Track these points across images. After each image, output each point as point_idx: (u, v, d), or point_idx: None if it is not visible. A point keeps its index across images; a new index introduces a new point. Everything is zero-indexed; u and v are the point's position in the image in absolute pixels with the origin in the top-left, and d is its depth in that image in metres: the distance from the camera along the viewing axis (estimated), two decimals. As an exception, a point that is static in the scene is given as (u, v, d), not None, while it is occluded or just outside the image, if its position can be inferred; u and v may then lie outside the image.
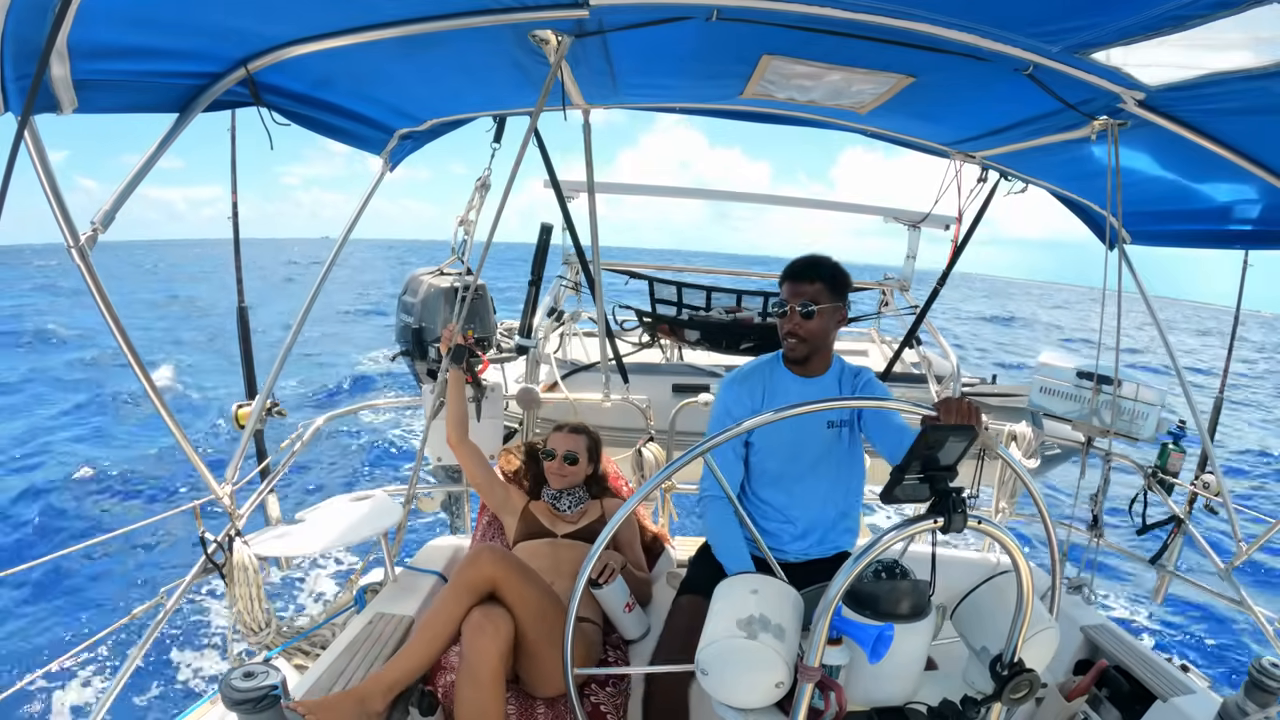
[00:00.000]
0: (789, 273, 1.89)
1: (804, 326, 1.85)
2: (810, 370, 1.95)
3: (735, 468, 1.90)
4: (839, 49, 1.67)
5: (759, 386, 1.95)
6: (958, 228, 3.30)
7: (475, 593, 1.71)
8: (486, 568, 1.72)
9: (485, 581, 1.72)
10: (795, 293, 1.86)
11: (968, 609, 1.32)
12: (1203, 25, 1.21)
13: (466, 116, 2.49)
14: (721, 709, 1.18)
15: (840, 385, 1.96)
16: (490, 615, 1.67)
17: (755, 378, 1.96)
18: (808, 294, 1.84)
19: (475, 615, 1.67)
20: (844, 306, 1.91)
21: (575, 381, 3.64)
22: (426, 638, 1.68)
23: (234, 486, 2.04)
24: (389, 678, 1.62)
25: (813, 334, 1.86)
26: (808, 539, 1.92)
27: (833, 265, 1.89)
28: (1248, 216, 2.23)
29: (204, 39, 1.52)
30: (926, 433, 1.02)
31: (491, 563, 1.73)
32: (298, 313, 2.29)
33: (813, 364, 1.94)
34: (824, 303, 1.84)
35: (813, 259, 1.90)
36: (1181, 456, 2.62)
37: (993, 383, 4.60)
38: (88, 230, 1.44)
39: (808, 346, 1.88)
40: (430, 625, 1.69)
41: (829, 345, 1.93)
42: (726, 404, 1.95)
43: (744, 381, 1.96)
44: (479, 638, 1.64)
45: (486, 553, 1.75)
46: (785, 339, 1.89)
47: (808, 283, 1.85)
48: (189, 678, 4.92)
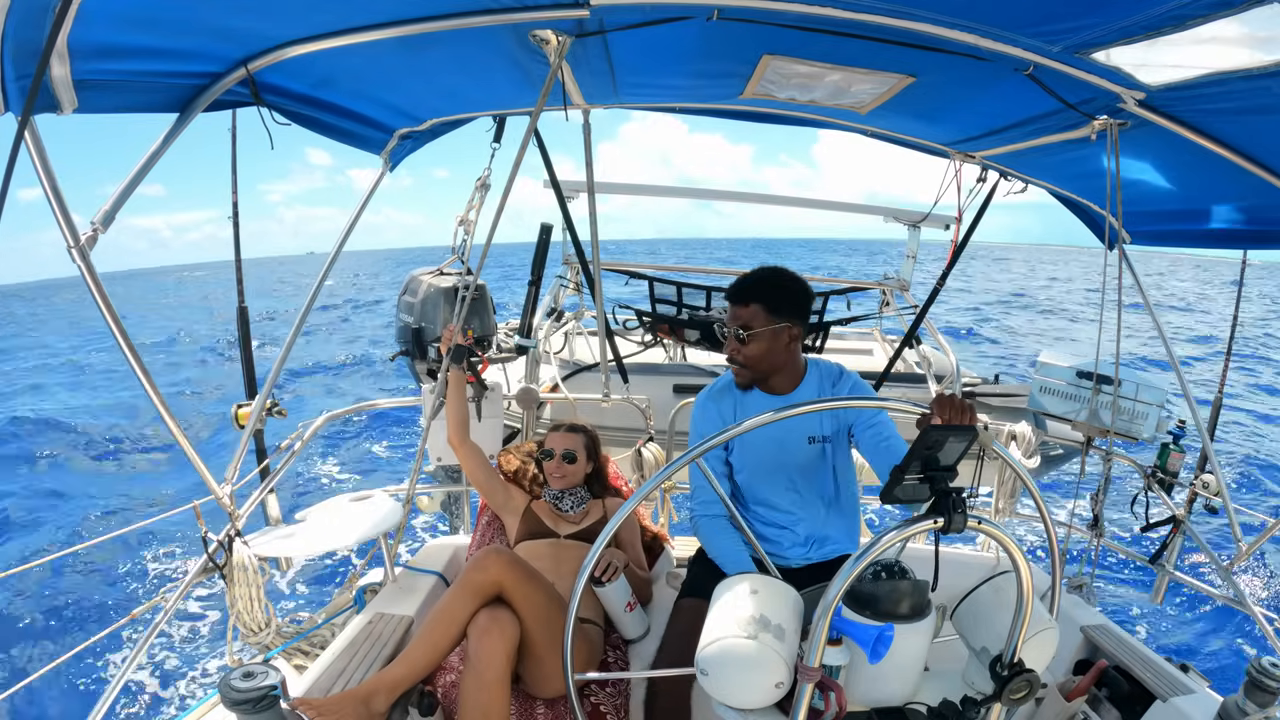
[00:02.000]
0: (727, 294, 1.82)
1: (741, 351, 1.78)
2: (777, 389, 1.87)
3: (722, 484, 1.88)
4: (839, 49, 1.67)
5: (730, 405, 1.91)
6: (957, 227, 3.30)
7: (481, 595, 1.70)
8: (493, 571, 1.71)
9: (492, 584, 1.71)
10: (732, 316, 1.79)
11: (968, 609, 1.32)
12: (1203, 25, 1.21)
13: (466, 116, 2.49)
14: (721, 709, 1.18)
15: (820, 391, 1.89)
16: (497, 618, 1.67)
17: (726, 396, 1.92)
18: (743, 318, 1.77)
19: (482, 618, 1.67)
20: (793, 325, 1.79)
21: (575, 381, 3.64)
22: (431, 639, 1.67)
23: (234, 486, 2.04)
24: (392, 677, 1.62)
25: (752, 359, 1.78)
26: (808, 545, 1.91)
27: (775, 284, 1.78)
28: (1248, 216, 2.23)
29: (204, 39, 1.52)
30: (926, 433, 1.02)
31: (498, 566, 1.72)
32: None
33: (776, 383, 1.87)
34: (759, 326, 1.75)
35: (751, 278, 1.80)
36: (1181, 456, 2.62)
37: (995, 382, 4.60)
38: (88, 230, 1.44)
39: (749, 373, 1.82)
40: (435, 626, 1.69)
41: (785, 364, 1.83)
42: (699, 424, 1.92)
43: (716, 399, 1.93)
44: (485, 640, 1.63)
45: (493, 555, 1.74)
46: (730, 364, 1.83)
47: (742, 306, 1.77)
48: (189, 678, 4.92)
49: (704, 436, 1.87)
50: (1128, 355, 2.44)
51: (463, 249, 2.80)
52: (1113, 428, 2.65)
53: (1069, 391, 2.84)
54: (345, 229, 2.45)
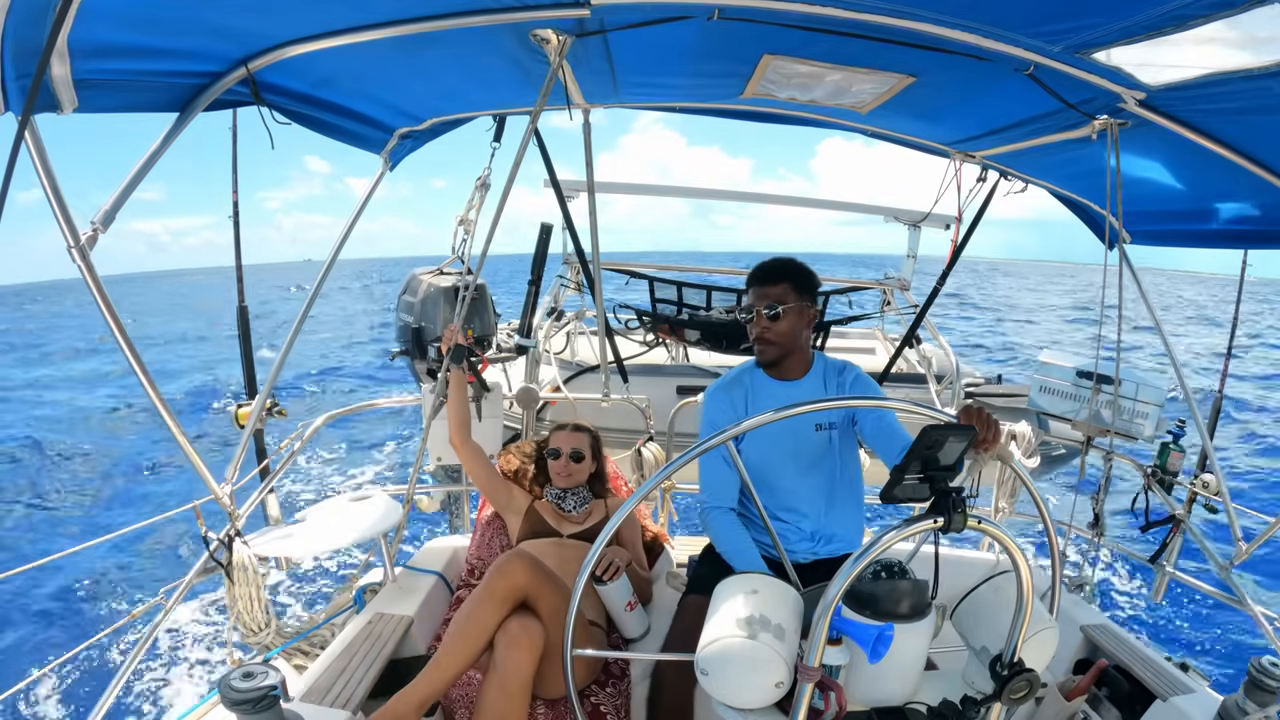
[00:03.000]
0: (754, 277, 1.91)
1: (772, 329, 1.85)
2: (788, 374, 1.94)
3: (730, 476, 1.89)
4: (840, 49, 1.67)
5: (740, 395, 1.95)
6: (957, 227, 3.30)
7: (508, 603, 1.68)
8: (519, 576, 1.69)
9: (518, 591, 1.69)
10: (761, 295, 1.86)
11: (968, 609, 1.32)
12: (1203, 25, 1.21)
13: (466, 116, 2.49)
14: (722, 709, 1.18)
15: (825, 385, 1.94)
16: (527, 628, 1.64)
17: (737, 386, 1.96)
18: (773, 295, 1.85)
19: (512, 627, 1.64)
20: (812, 307, 1.91)
21: (576, 381, 3.64)
22: (459, 649, 1.64)
23: (234, 486, 2.04)
24: (420, 694, 1.59)
25: (781, 336, 1.86)
26: (815, 540, 1.91)
27: (798, 266, 1.90)
28: (1248, 216, 2.23)
29: (204, 38, 1.52)
30: (926, 432, 1.02)
31: (523, 571, 1.70)
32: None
33: (789, 367, 1.93)
34: (790, 303, 1.85)
35: (777, 261, 1.91)
36: (1181, 456, 2.62)
37: (997, 382, 4.61)
38: (87, 230, 1.44)
39: (777, 349, 1.88)
40: (462, 636, 1.65)
41: (801, 346, 1.93)
42: (710, 415, 1.95)
43: (726, 390, 1.96)
44: (514, 650, 1.61)
45: (517, 560, 1.72)
46: (755, 344, 1.90)
47: (773, 284, 1.87)
48: (189, 678, 4.92)
49: (715, 427, 1.87)
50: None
51: (463, 248, 2.80)
52: (1113, 427, 2.65)
53: (1069, 391, 2.85)
54: (345, 229, 2.45)
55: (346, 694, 1.64)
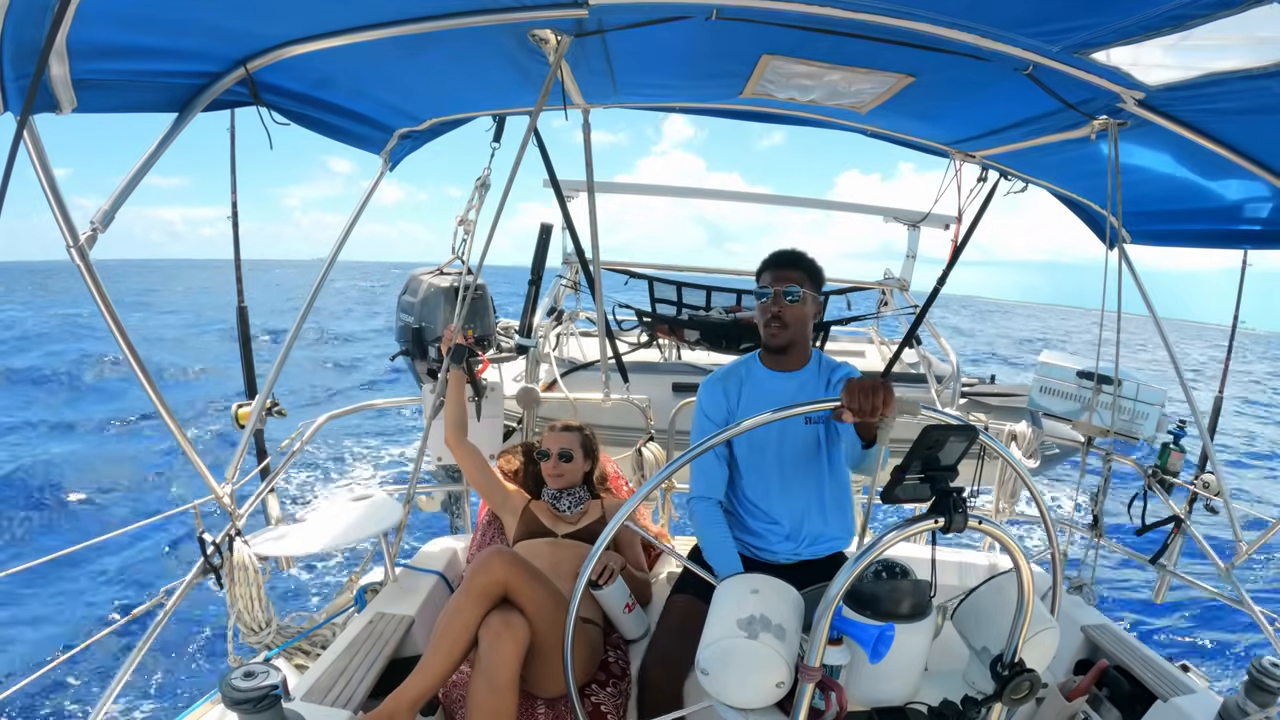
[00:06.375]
0: (772, 261, 1.93)
1: (789, 311, 1.87)
2: (788, 364, 1.96)
3: (719, 470, 1.90)
4: (839, 49, 1.67)
5: (735, 384, 1.96)
6: (957, 227, 3.30)
7: (489, 598, 1.69)
8: (498, 571, 1.70)
9: (498, 586, 1.70)
10: (780, 278, 1.88)
11: (968, 609, 1.32)
12: (1203, 25, 1.21)
13: (466, 116, 2.49)
14: (722, 709, 1.18)
15: (819, 379, 1.96)
16: (509, 622, 1.65)
17: (732, 377, 1.98)
18: (793, 279, 1.87)
19: (494, 622, 1.65)
20: (819, 300, 1.97)
21: (575, 381, 3.64)
22: (444, 647, 1.65)
23: (234, 486, 2.04)
24: (412, 694, 1.60)
25: (796, 319, 1.89)
26: (797, 540, 1.92)
27: (811, 259, 1.95)
28: (1248, 216, 2.23)
29: (203, 38, 1.52)
30: (927, 432, 1.02)
31: (502, 566, 1.71)
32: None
33: (790, 357, 1.95)
34: (806, 289, 1.88)
35: (794, 250, 1.95)
36: (1181, 456, 2.62)
37: (991, 383, 4.61)
38: (87, 230, 1.44)
39: (790, 333, 1.89)
40: (447, 635, 1.66)
41: (807, 337, 1.96)
42: (703, 406, 1.97)
43: (721, 381, 1.98)
44: (498, 644, 1.62)
45: (496, 556, 1.73)
46: (768, 325, 1.91)
47: (792, 270, 1.90)
48: (189, 678, 4.92)
49: (707, 417, 1.91)
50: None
51: (463, 249, 2.80)
52: (1113, 428, 2.65)
53: (1069, 391, 2.84)
54: (345, 228, 2.45)
55: (347, 694, 1.64)
